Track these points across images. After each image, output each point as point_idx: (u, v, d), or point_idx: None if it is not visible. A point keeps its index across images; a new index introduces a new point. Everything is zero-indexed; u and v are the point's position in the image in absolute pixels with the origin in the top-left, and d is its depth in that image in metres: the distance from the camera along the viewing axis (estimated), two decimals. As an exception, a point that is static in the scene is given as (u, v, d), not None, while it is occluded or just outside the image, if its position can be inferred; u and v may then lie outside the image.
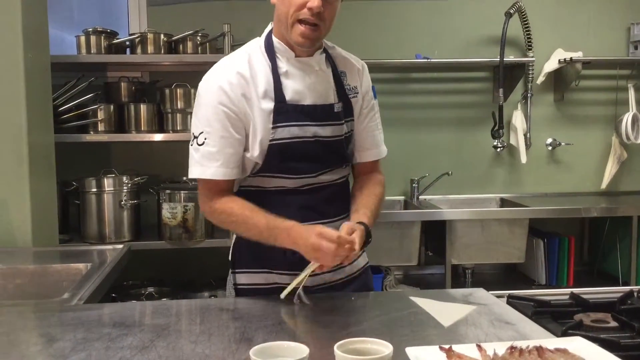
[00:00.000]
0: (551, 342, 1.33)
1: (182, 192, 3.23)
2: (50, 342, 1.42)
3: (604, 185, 3.87)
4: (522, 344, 1.29)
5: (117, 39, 3.35)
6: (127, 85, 3.43)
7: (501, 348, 1.28)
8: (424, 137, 3.86)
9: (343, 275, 1.87)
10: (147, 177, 3.36)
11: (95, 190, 3.21)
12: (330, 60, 1.83)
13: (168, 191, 3.23)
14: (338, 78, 1.82)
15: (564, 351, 1.26)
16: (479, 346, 1.30)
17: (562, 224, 3.72)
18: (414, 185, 3.76)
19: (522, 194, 3.86)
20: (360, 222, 1.68)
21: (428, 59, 3.65)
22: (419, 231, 3.40)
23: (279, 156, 1.72)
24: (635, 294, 1.81)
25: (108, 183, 3.23)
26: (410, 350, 1.29)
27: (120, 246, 2.57)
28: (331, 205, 1.81)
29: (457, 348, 1.29)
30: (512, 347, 1.28)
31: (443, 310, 1.63)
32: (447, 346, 1.30)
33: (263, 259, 1.79)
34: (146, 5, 3.65)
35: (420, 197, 3.77)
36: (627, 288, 1.89)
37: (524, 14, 3.68)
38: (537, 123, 3.86)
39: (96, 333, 1.48)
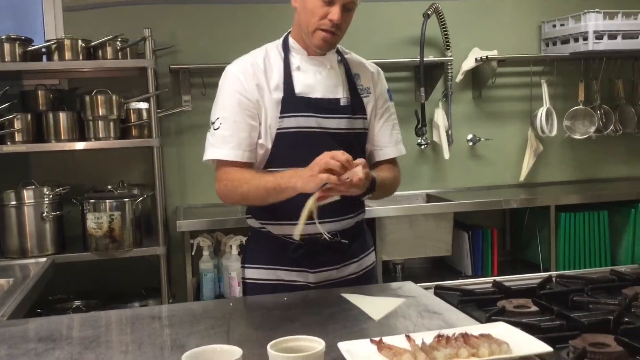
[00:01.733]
0: (476, 328, 1.38)
1: (107, 201, 3.15)
2: (-28, 362, 1.37)
3: (522, 178, 4.03)
4: (448, 331, 1.35)
5: (33, 45, 3.24)
6: (45, 94, 3.32)
7: (429, 337, 1.33)
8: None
9: (347, 274, 1.95)
10: (70, 188, 3.27)
11: (14, 203, 3.09)
12: (344, 62, 1.99)
13: (92, 201, 3.15)
14: (351, 77, 1.96)
15: (487, 336, 1.32)
16: (407, 337, 1.34)
17: (485, 217, 3.85)
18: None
19: (446, 189, 3.98)
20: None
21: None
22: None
23: (286, 145, 1.84)
24: (554, 279, 1.91)
25: (28, 195, 3.11)
26: (342, 345, 1.31)
27: (44, 259, 2.49)
28: (340, 204, 1.81)
29: (387, 340, 1.33)
30: (439, 336, 1.33)
31: (373, 304, 1.67)
32: (377, 339, 1.33)
33: (270, 255, 1.90)
34: (62, 11, 3.55)
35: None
36: (545, 274, 1.99)
37: (441, 15, 3.79)
38: (457, 120, 3.98)
39: (21, 349, 1.43)
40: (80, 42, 3.22)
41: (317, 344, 1.23)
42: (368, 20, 3.86)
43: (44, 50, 3.26)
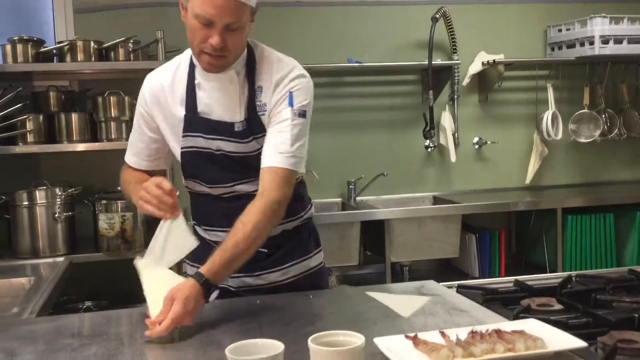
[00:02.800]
0: (507, 325, 1.41)
1: (119, 202, 3.16)
2: (10, 357, 1.38)
3: (527, 181, 4.07)
4: (481, 328, 1.37)
5: (45, 47, 3.25)
6: (56, 95, 3.33)
7: (463, 333, 1.35)
8: (358, 140, 3.94)
9: (269, 281, 1.88)
10: (81, 189, 3.28)
11: (26, 203, 3.10)
12: (250, 73, 1.79)
13: (104, 201, 3.16)
14: (252, 94, 1.78)
15: (521, 332, 1.34)
16: (442, 332, 1.36)
17: (491, 219, 3.88)
18: (350, 187, 3.83)
19: (452, 192, 4.01)
20: (197, 275, 1.59)
21: (360, 62, 3.73)
22: (358, 231, 3.48)
23: (191, 163, 1.83)
24: (574, 278, 1.93)
25: (40, 195, 3.12)
26: (379, 341, 1.33)
27: (61, 259, 2.50)
28: None
29: (421, 335, 1.35)
30: (472, 332, 1.35)
31: (400, 302, 1.69)
32: (412, 334, 1.35)
33: (199, 256, 1.75)
34: (72, 12, 3.56)
35: (357, 198, 3.84)
36: (565, 274, 2.01)
37: (449, 19, 3.83)
38: (464, 123, 4.02)
39: (57, 345, 1.45)
40: (92, 43, 3.23)
41: (356, 338, 1.25)
42: (377, 23, 3.89)
43: (55, 51, 3.27)
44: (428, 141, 3.86)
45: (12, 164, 3.36)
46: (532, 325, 1.40)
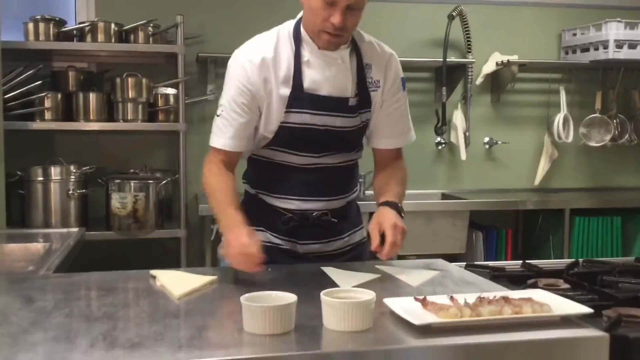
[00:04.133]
0: (515, 293, 1.43)
1: (132, 181, 3.21)
2: (29, 303, 1.42)
3: (536, 182, 4.09)
4: (489, 294, 1.39)
5: (66, 27, 3.31)
6: (75, 75, 3.38)
7: (471, 298, 1.38)
8: (369, 134, 3.96)
9: (332, 249, 1.98)
10: (95, 167, 3.33)
11: (41, 179, 3.16)
12: (357, 52, 1.88)
13: (118, 181, 3.21)
14: (362, 71, 1.88)
15: (529, 299, 1.36)
16: (451, 297, 1.39)
17: (499, 218, 3.89)
18: (360, 180, 3.85)
19: (461, 190, 4.03)
20: (387, 202, 1.87)
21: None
22: (366, 223, 3.49)
23: (287, 137, 1.85)
24: (580, 262, 1.96)
25: (55, 172, 3.18)
26: (388, 301, 1.36)
27: (75, 229, 2.54)
28: (333, 185, 1.92)
29: (431, 299, 1.38)
30: (480, 297, 1.38)
31: (409, 274, 1.72)
32: (421, 297, 1.38)
33: (262, 219, 1.92)
34: (94, -5, 3.62)
35: (366, 192, 3.86)
36: (571, 260, 2.04)
37: (465, 18, 3.86)
38: (475, 122, 4.04)
39: (75, 294, 1.48)
40: (113, 25, 3.28)
41: (368, 294, 1.28)
42: (393, 20, 3.93)
43: (76, 31, 3.33)
44: (439, 138, 3.89)
45: (28, 141, 3.41)
46: (540, 294, 1.43)
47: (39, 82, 3.21)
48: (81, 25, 3.30)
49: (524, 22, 4.10)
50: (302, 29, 1.84)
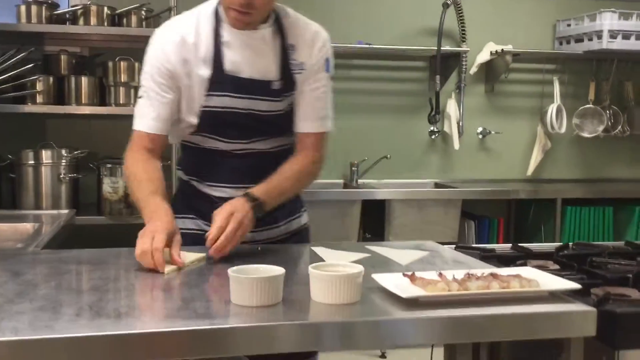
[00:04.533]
0: (503, 270, 1.43)
1: (124, 166, 3.19)
2: (16, 276, 1.41)
3: (529, 172, 4.10)
4: (477, 271, 1.39)
5: (59, 10, 3.29)
6: (67, 58, 3.36)
7: (459, 275, 1.38)
8: (363, 123, 3.97)
9: (267, 237, 1.87)
10: (87, 152, 3.31)
11: (32, 162, 3.13)
12: (280, 32, 1.80)
13: (109, 165, 3.20)
14: (285, 52, 1.79)
15: (517, 276, 1.36)
16: (439, 273, 1.39)
17: (491, 208, 3.91)
18: (353, 168, 3.86)
19: (454, 179, 4.03)
20: (247, 194, 1.68)
21: (370, 44, 3.76)
22: (359, 210, 3.50)
23: (211, 121, 1.77)
24: (570, 245, 1.96)
25: (46, 155, 3.15)
26: (376, 277, 1.36)
27: (65, 211, 2.53)
28: (265, 171, 1.80)
29: (419, 274, 1.37)
30: (468, 274, 1.38)
31: (398, 254, 1.72)
32: (409, 273, 1.38)
33: (194, 208, 1.86)
34: (88, -20, 3.59)
35: (359, 180, 3.87)
36: (561, 244, 2.04)
37: (459, 7, 3.86)
38: (469, 112, 4.05)
39: (62, 269, 1.47)
40: (105, 9, 3.26)
41: (356, 268, 1.28)
42: (387, 8, 3.93)
43: (69, 15, 3.30)
44: (432, 127, 3.89)
45: (19, 125, 3.39)
46: (529, 272, 1.43)
47: (31, 65, 3.18)
48: (74, 8, 3.27)
49: (519, 12, 4.10)
50: (220, 10, 1.76)
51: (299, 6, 3.86)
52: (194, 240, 1.77)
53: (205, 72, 1.73)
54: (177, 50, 1.72)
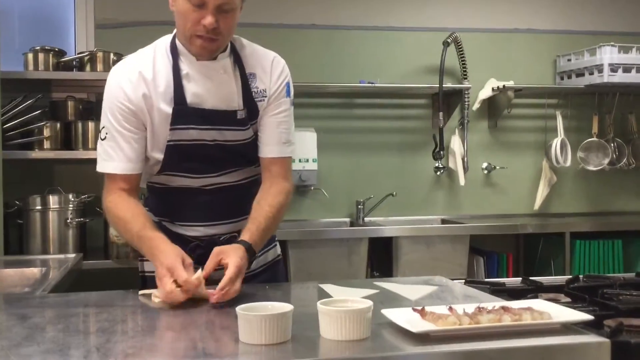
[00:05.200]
0: (515, 303, 1.42)
1: (130, 209, 3.20)
2: (24, 320, 1.40)
3: (536, 207, 4.08)
4: (488, 305, 1.38)
5: (66, 57, 3.35)
6: (74, 104, 3.40)
7: (470, 309, 1.36)
8: (368, 161, 3.98)
9: (251, 268, 1.77)
10: (94, 196, 3.32)
11: (40, 207, 3.15)
12: (238, 62, 1.80)
13: (116, 209, 3.20)
14: (245, 81, 1.79)
15: (528, 308, 1.35)
16: (450, 307, 1.37)
17: (500, 243, 3.88)
18: (359, 206, 3.86)
19: (461, 215, 4.02)
20: (242, 242, 1.65)
21: (373, 83, 3.80)
22: (366, 248, 3.49)
23: (176, 156, 1.74)
24: (581, 278, 1.94)
25: (54, 200, 3.17)
26: (386, 312, 1.34)
27: (72, 255, 2.52)
28: (237, 205, 1.80)
29: (429, 309, 1.36)
30: (479, 307, 1.36)
31: (407, 289, 1.71)
32: (419, 307, 1.36)
33: None
34: (94, 28, 3.66)
35: (365, 218, 3.86)
36: (571, 276, 2.02)
37: (460, 45, 3.90)
38: (473, 148, 4.06)
39: (69, 312, 1.47)
40: (112, 55, 3.32)
41: (365, 304, 1.27)
42: (389, 47, 3.98)
43: (75, 62, 3.36)
44: (437, 163, 3.90)
45: (27, 171, 3.42)
46: (540, 304, 1.41)
47: (38, 112, 3.23)
48: (80, 55, 3.33)
49: (519, 48, 4.14)
50: (177, 43, 1.75)
51: (304, 47, 3.94)
52: None
53: (166, 107, 1.71)
54: (136, 87, 1.71)
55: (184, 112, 1.71)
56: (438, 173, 3.97)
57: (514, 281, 1.94)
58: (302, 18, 3.87)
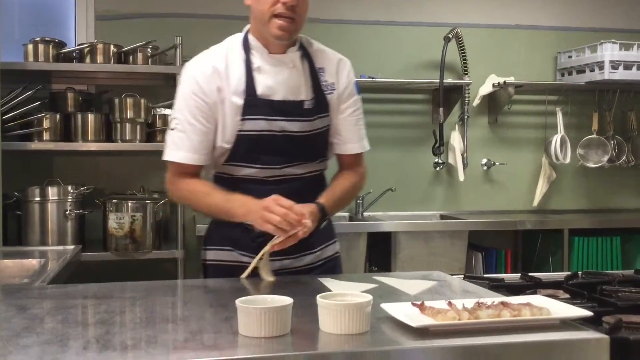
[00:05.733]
0: (514, 299, 1.42)
1: (129, 202, 3.20)
2: (23, 311, 1.40)
3: (535, 203, 4.08)
4: (487, 300, 1.38)
5: (65, 49, 3.34)
6: (74, 96, 3.39)
7: (469, 304, 1.36)
8: (368, 155, 3.91)
9: (304, 263, 1.91)
10: (93, 188, 3.32)
11: (38, 199, 3.14)
12: (307, 57, 1.90)
13: (115, 201, 3.20)
14: (315, 74, 1.88)
15: (527, 304, 1.35)
16: (449, 302, 1.37)
17: (498, 239, 3.88)
18: (358, 201, 3.85)
19: (460, 211, 4.02)
20: (316, 203, 1.80)
21: (373, 78, 3.79)
22: (365, 243, 3.48)
23: (245, 146, 1.81)
24: (580, 274, 1.94)
25: (52, 192, 3.17)
26: (385, 306, 1.35)
27: (71, 247, 2.52)
28: (299, 197, 1.82)
29: (428, 304, 1.36)
30: (479, 303, 1.36)
31: (407, 284, 1.71)
32: (419, 302, 1.36)
33: (230, 238, 1.88)
34: (94, 19, 3.65)
35: (364, 213, 3.86)
36: (570, 272, 2.02)
37: (461, 40, 3.90)
38: (473, 144, 4.05)
39: (68, 303, 1.47)
40: (112, 47, 3.31)
41: (364, 297, 1.27)
42: (390, 42, 3.97)
43: (75, 53, 3.35)
44: (437, 159, 3.90)
45: (26, 162, 3.42)
46: (539, 300, 1.41)
47: (38, 103, 3.23)
48: (80, 46, 3.32)
49: (520, 44, 4.13)
50: (250, 38, 1.85)
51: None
52: (229, 272, 1.83)
53: (238, 98, 1.79)
54: (210, 81, 1.78)
55: (254, 103, 1.79)
56: (437, 169, 3.97)
57: (512, 277, 1.94)
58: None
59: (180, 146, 1.81)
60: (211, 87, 1.78)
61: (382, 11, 3.99)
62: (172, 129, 1.83)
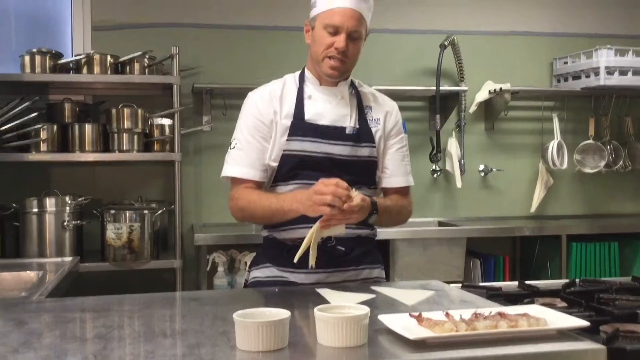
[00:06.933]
0: (511, 309, 1.42)
1: (127, 212, 3.20)
2: (21, 325, 1.40)
3: (532, 209, 4.08)
4: (484, 311, 1.38)
5: (62, 59, 3.34)
6: (71, 106, 3.40)
7: (466, 314, 1.37)
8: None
9: (342, 279, 1.96)
10: (91, 198, 3.32)
11: (36, 210, 3.14)
12: (357, 94, 2.07)
13: (113, 211, 3.20)
14: (361, 109, 2.05)
15: (525, 314, 1.35)
16: (446, 313, 1.38)
17: (496, 246, 3.88)
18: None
19: (458, 218, 4.02)
20: (373, 204, 1.88)
21: (370, 85, 3.79)
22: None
23: (290, 166, 1.95)
24: (577, 282, 1.95)
25: (50, 203, 3.16)
26: (383, 318, 1.35)
27: (68, 258, 2.52)
28: None
29: (426, 315, 1.36)
30: (476, 314, 1.37)
31: (404, 294, 1.71)
32: (416, 313, 1.37)
33: (271, 256, 2.01)
34: (90, 30, 3.66)
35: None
36: (567, 280, 2.02)
37: (457, 47, 3.91)
38: (470, 150, 4.06)
39: (67, 317, 1.47)
40: (109, 57, 3.32)
41: (362, 310, 1.27)
42: (386, 50, 3.98)
43: (72, 64, 3.35)
44: (434, 166, 3.90)
45: (24, 174, 3.42)
46: (536, 310, 1.42)
47: (35, 114, 3.22)
48: (77, 57, 3.32)
49: (515, 50, 4.15)
50: (306, 72, 2.05)
51: (295, 48, 3.92)
52: (269, 285, 1.93)
53: (287, 120, 1.97)
54: (267, 105, 1.99)
55: (300, 126, 1.96)
56: (435, 175, 3.98)
57: (510, 285, 1.94)
58: (297, 20, 3.85)
59: (238, 162, 1.97)
60: (268, 110, 1.97)
61: (378, 19, 3.96)
62: (232, 148, 2.00)
